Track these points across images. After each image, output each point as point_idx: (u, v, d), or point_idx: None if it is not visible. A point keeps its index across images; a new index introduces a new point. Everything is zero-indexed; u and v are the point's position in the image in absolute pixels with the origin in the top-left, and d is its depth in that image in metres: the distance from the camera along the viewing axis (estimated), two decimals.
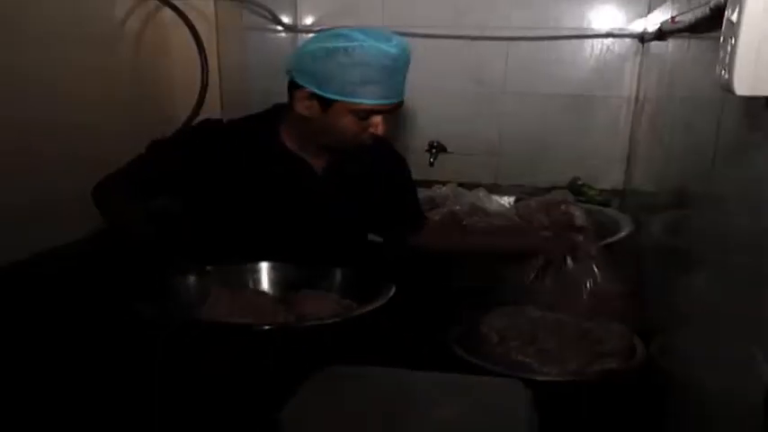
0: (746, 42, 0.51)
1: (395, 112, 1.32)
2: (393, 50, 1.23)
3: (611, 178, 2.34)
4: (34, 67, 1.51)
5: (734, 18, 0.52)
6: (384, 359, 1.13)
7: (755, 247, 0.64)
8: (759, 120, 0.63)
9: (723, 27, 0.58)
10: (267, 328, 1.09)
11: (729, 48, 0.52)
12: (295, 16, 2.48)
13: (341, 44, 1.23)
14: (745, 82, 0.51)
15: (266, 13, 2.24)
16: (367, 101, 1.25)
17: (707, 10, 0.83)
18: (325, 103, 1.26)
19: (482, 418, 0.94)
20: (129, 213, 1.35)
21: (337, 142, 1.34)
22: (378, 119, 1.29)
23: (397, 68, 1.25)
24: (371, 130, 1.30)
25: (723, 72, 0.54)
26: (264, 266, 1.34)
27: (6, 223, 1.40)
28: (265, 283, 1.33)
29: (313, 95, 1.27)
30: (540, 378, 1.11)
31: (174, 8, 1.88)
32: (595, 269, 1.31)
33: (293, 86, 1.31)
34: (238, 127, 1.42)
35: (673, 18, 1.45)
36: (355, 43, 1.22)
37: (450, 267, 1.61)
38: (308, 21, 2.48)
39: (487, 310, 1.35)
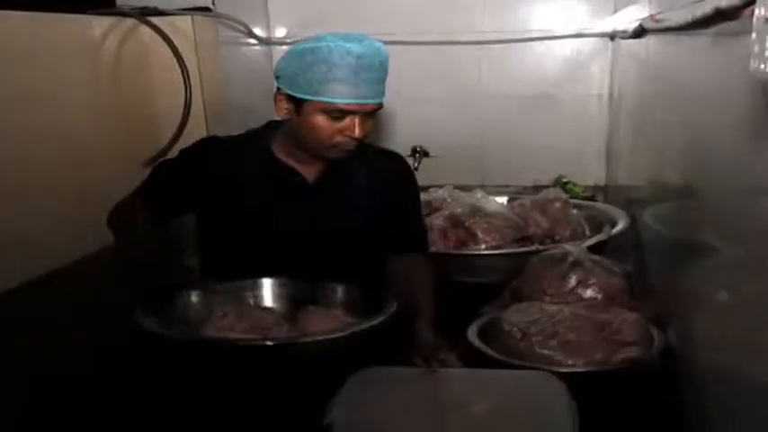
0: None
1: (372, 115, 1.31)
2: (359, 49, 1.23)
3: (593, 174, 2.41)
4: (11, 87, 1.46)
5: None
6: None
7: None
8: None
9: (755, 25, 0.61)
10: (272, 343, 1.08)
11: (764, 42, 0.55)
12: (268, 29, 2.46)
13: (310, 45, 1.25)
14: None
15: (241, 27, 2.22)
16: (333, 99, 1.24)
17: (709, 9, 0.87)
18: (297, 104, 1.28)
19: (524, 411, 0.95)
20: (139, 230, 1.36)
21: (314, 144, 1.32)
22: (353, 120, 1.27)
23: (364, 67, 1.23)
24: (348, 133, 1.28)
25: (762, 65, 0.57)
26: (268, 282, 1.33)
27: None
28: (269, 300, 1.32)
29: (288, 97, 1.29)
30: (565, 370, 1.13)
31: (152, 25, 1.85)
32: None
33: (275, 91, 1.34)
34: (236, 142, 1.44)
35: (653, 16, 1.50)
36: (322, 43, 1.24)
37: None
38: (281, 33, 2.47)
39: (501, 306, 1.37)
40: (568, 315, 1.23)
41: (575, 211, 1.72)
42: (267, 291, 1.33)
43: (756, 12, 0.63)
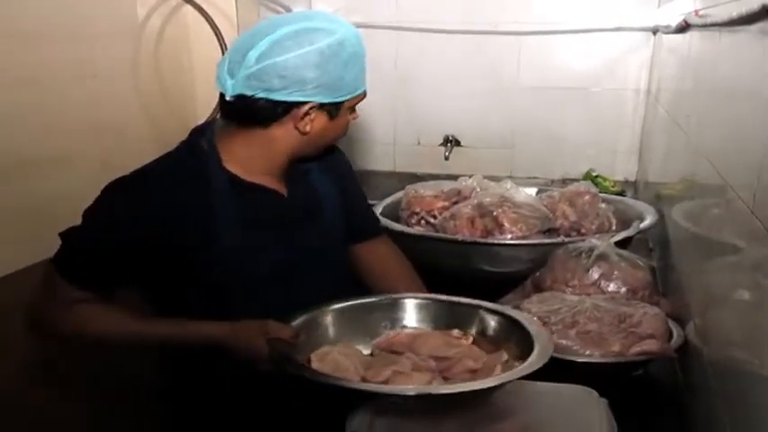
0: None
1: None
2: (358, 31, 1.16)
3: (624, 169, 2.40)
4: (54, 63, 1.52)
5: None
6: None
7: None
8: None
9: None
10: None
11: None
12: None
13: (330, 40, 1.08)
14: None
15: (282, 9, 2.26)
16: (364, 88, 1.18)
17: (756, 5, 0.87)
18: (335, 109, 1.13)
19: (561, 429, 0.91)
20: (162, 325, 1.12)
21: (330, 146, 1.24)
22: (358, 106, 1.20)
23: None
24: (351, 118, 1.21)
25: None
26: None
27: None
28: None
29: (321, 107, 1.11)
30: (582, 360, 1.14)
31: (196, 5, 1.90)
32: None
33: (274, 106, 1.09)
34: (175, 170, 1.12)
35: (696, 11, 1.48)
36: (338, 34, 1.09)
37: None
38: None
39: (523, 295, 1.39)
40: (589, 306, 1.24)
41: (603, 204, 1.72)
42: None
43: None
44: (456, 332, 1.15)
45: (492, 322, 1.16)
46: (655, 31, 2.24)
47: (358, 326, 1.17)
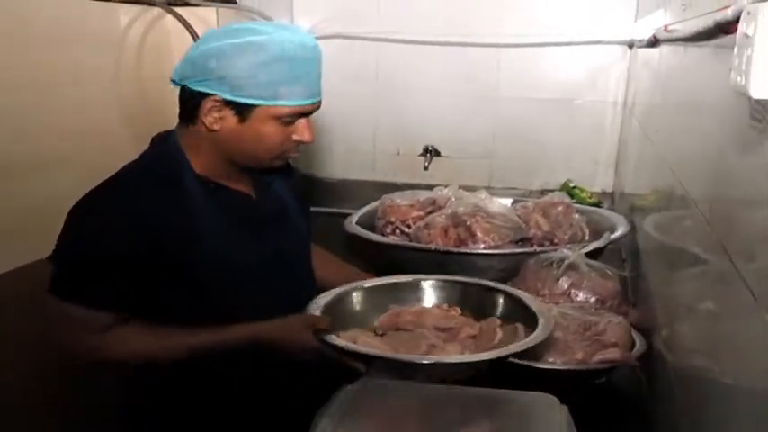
0: (761, 54, 0.57)
1: (313, 113, 1.17)
2: (308, 41, 1.10)
3: (601, 181, 2.42)
4: (37, 68, 1.53)
5: (749, 32, 0.58)
6: None
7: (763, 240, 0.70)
8: (762, 117, 0.69)
9: (737, 39, 0.64)
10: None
11: (745, 58, 0.58)
12: (291, 23, 2.51)
13: (251, 38, 1.06)
14: (761, 87, 0.57)
15: (264, 21, 2.28)
16: (293, 102, 1.09)
17: (710, 22, 0.89)
18: (242, 111, 1.08)
19: None
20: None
21: (260, 157, 1.15)
22: (303, 123, 1.13)
23: (315, 60, 1.12)
24: (296, 137, 1.13)
25: (739, 78, 0.60)
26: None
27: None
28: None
29: (226, 103, 1.08)
30: (544, 366, 1.16)
31: (177, 15, 1.92)
32: None
33: (192, 97, 1.09)
34: (150, 176, 1.12)
35: (666, 26, 1.51)
36: (265, 36, 1.06)
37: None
38: (304, 28, 2.52)
39: None
40: (556, 314, 1.26)
41: (577, 215, 1.74)
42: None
43: (739, 28, 0.66)
44: (445, 306, 1.28)
45: (498, 299, 1.27)
46: (631, 45, 2.28)
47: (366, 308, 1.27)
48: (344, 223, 1.76)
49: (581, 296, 1.42)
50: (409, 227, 1.70)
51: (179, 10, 1.92)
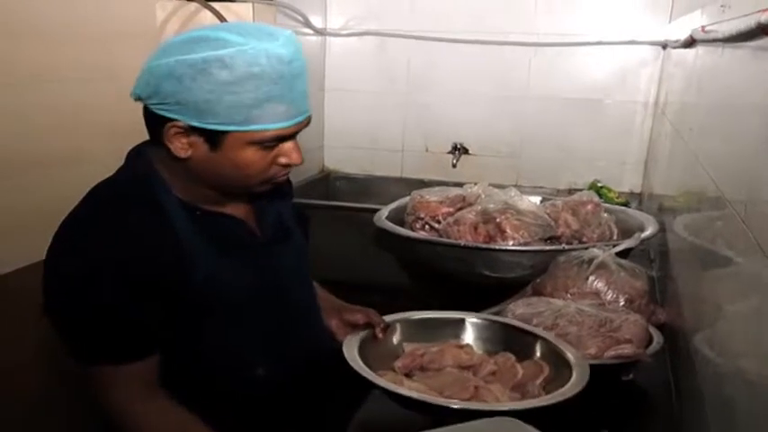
0: None
1: (299, 132, 1.00)
2: (284, 51, 0.91)
3: (630, 181, 2.41)
4: (74, 63, 1.56)
5: None
6: None
7: None
8: None
9: None
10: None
11: None
12: (324, 19, 2.54)
13: (210, 53, 0.88)
14: None
15: (298, 17, 2.31)
16: (270, 126, 0.93)
17: (752, 23, 0.90)
18: (213, 138, 0.93)
19: None
20: None
21: (243, 184, 1.01)
22: (288, 146, 0.98)
23: (296, 74, 0.94)
24: (283, 160, 0.99)
25: None
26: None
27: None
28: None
29: (193, 129, 0.92)
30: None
31: (213, 10, 1.95)
32: None
33: (153, 119, 0.95)
34: (114, 215, 0.97)
35: (703, 27, 1.51)
36: (229, 50, 0.88)
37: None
38: (337, 24, 2.55)
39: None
40: (572, 310, 1.26)
41: (605, 214, 1.74)
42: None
43: None
44: (453, 342, 1.21)
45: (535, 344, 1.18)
46: (664, 45, 2.27)
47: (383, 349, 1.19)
48: (374, 218, 1.78)
49: (610, 295, 1.42)
50: (438, 222, 1.72)
51: (215, 5, 1.96)
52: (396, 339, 1.21)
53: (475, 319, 1.25)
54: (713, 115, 1.29)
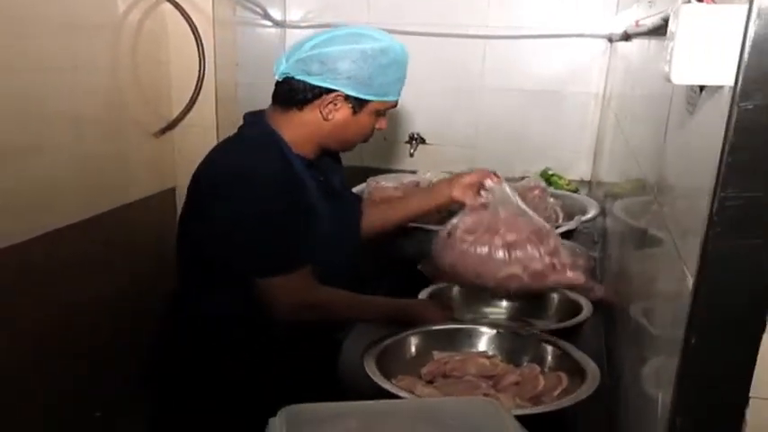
0: (680, 46, 0.66)
1: None
2: (403, 47, 1.32)
3: (581, 169, 2.51)
4: (34, 53, 1.59)
5: (672, 28, 0.68)
6: None
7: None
8: (693, 101, 0.79)
9: (667, 33, 0.73)
10: None
11: (670, 49, 0.68)
12: (284, 12, 2.59)
13: (374, 45, 1.26)
14: (679, 74, 0.67)
15: (258, 9, 2.35)
16: (394, 98, 1.33)
17: (659, 19, 0.99)
18: (359, 105, 1.29)
19: None
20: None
21: (351, 143, 1.37)
22: (386, 114, 1.36)
23: (407, 63, 1.34)
24: (379, 126, 1.36)
25: (666, 67, 0.69)
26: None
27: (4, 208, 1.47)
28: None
29: (346, 98, 1.27)
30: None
31: (174, 2, 1.98)
32: None
33: (306, 89, 1.28)
34: (274, 150, 1.30)
35: (637, 21, 1.61)
36: (384, 43, 1.27)
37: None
38: (296, 17, 2.59)
39: None
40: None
41: (551, 199, 1.84)
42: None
43: (670, 24, 0.75)
44: (476, 352, 1.27)
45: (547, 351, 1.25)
46: (610, 38, 2.37)
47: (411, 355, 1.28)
48: None
49: None
50: None
51: None
52: (421, 347, 1.27)
53: (503, 331, 1.31)
54: (638, 105, 1.39)
